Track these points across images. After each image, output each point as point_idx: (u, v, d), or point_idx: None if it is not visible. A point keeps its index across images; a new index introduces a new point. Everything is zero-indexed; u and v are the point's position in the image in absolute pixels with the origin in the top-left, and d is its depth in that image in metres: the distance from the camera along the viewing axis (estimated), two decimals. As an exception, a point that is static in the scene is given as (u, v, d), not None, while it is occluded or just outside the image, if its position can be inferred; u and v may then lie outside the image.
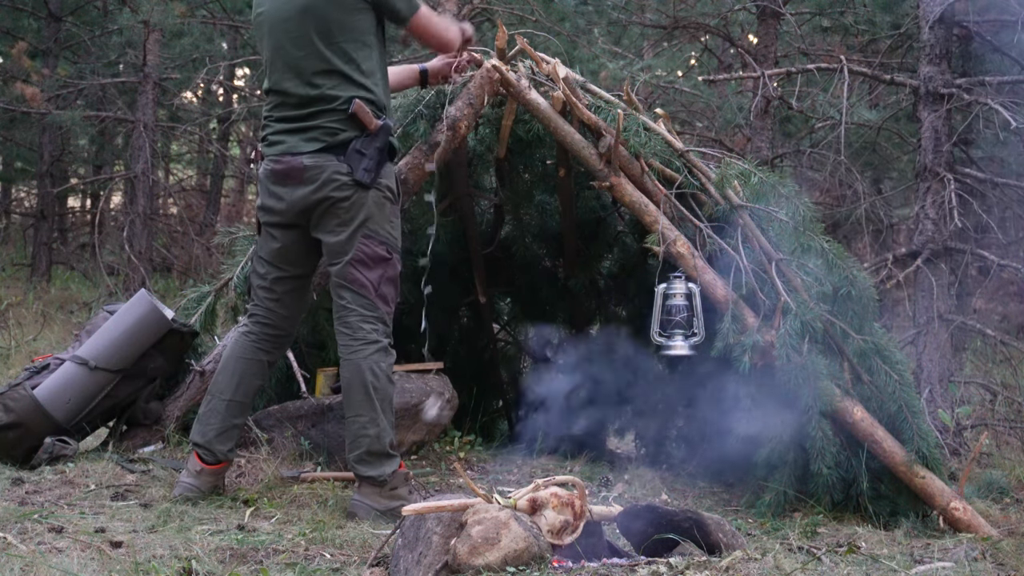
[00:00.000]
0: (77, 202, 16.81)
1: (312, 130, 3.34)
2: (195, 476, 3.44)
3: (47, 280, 10.99)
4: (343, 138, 3.33)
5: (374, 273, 3.38)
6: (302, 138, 3.35)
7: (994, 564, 2.95)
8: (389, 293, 3.42)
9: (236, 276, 4.27)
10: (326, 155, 3.32)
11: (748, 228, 3.85)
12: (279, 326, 3.54)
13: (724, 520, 2.88)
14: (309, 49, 3.33)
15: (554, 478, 2.78)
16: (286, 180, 3.36)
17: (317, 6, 3.31)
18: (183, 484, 3.44)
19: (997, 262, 5.88)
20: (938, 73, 5.74)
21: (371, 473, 3.34)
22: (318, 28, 3.31)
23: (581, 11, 8.94)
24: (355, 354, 3.34)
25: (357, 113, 3.30)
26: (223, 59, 12.33)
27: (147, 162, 9.65)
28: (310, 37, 3.32)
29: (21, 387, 3.77)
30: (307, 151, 3.33)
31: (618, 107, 4.08)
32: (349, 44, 3.34)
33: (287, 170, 3.35)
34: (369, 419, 3.33)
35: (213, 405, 3.49)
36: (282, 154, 3.37)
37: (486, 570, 2.44)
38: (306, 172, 3.32)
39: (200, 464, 3.44)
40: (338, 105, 3.32)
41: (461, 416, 4.69)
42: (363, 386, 3.32)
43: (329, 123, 3.33)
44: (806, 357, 3.60)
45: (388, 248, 3.41)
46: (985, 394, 6.19)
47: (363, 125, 3.32)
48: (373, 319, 3.37)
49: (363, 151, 3.32)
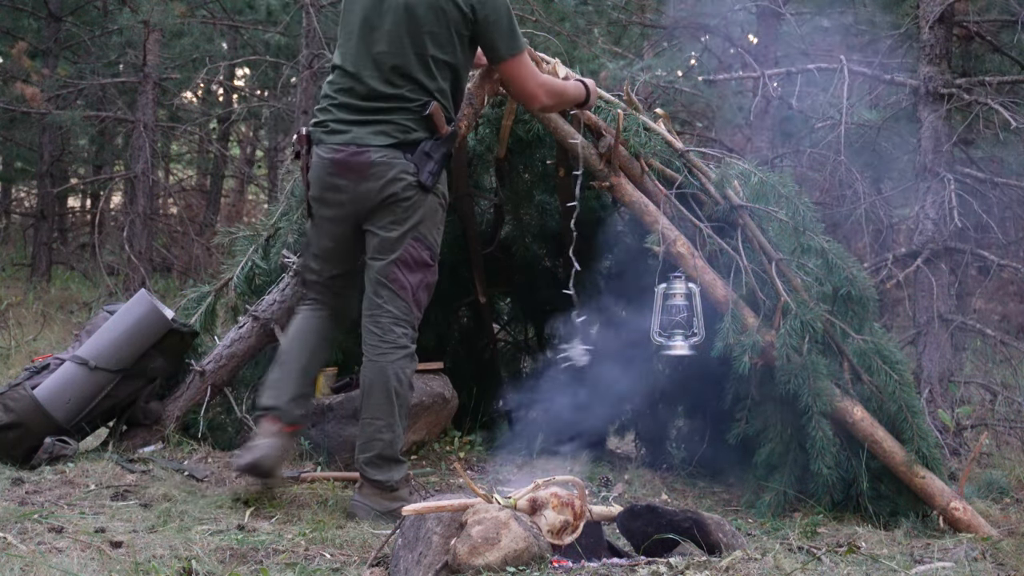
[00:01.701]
0: (77, 202, 16.81)
1: (384, 124, 3.27)
2: (275, 435, 3.35)
3: (47, 280, 10.99)
4: (414, 138, 3.27)
5: (415, 276, 3.34)
6: (371, 131, 3.27)
7: (994, 564, 2.95)
8: (424, 299, 3.40)
9: (236, 276, 4.27)
10: (395, 152, 3.26)
11: (748, 228, 3.85)
12: (337, 307, 3.54)
13: (724, 520, 2.88)
14: (397, 48, 3.26)
15: (554, 478, 2.78)
16: (348, 172, 3.28)
17: (418, 11, 3.25)
18: (262, 447, 3.32)
19: (997, 262, 5.88)
20: (938, 73, 5.74)
21: (380, 477, 3.32)
22: (411, 32, 3.26)
23: (581, 11, 8.93)
24: (383, 356, 3.31)
25: (433, 115, 3.25)
26: (223, 59, 12.35)
27: (147, 162, 9.65)
28: (401, 37, 3.26)
29: (21, 387, 3.77)
30: (375, 144, 3.26)
31: (618, 107, 4.08)
32: (437, 62, 3.28)
33: (350, 162, 3.27)
34: (386, 424, 3.30)
35: (287, 371, 3.45)
36: (346, 144, 3.29)
37: (486, 570, 2.44)
38: (372, 167, 3.25)
39: (278, 424, 3.37)
40: (414, 106, 3.27)
41: (461, 416, 4.69)
42: (386, 390, 3.29)
43: (403, 120, 3.27)
44: (806, 357, 3.60)
45: (432, 255, 3.38)
46: (985, 394, 6.19)
47: (435, 128, 3.28)
48: (405, 323, 3.34)
49: (431, 154, 3.28)
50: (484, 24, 3.30)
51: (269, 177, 14.38)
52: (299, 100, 9.67)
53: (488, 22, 3.31)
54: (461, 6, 3.27)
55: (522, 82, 3.46)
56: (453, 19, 3.27)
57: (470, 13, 3.28)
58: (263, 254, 4.29)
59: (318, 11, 9.46)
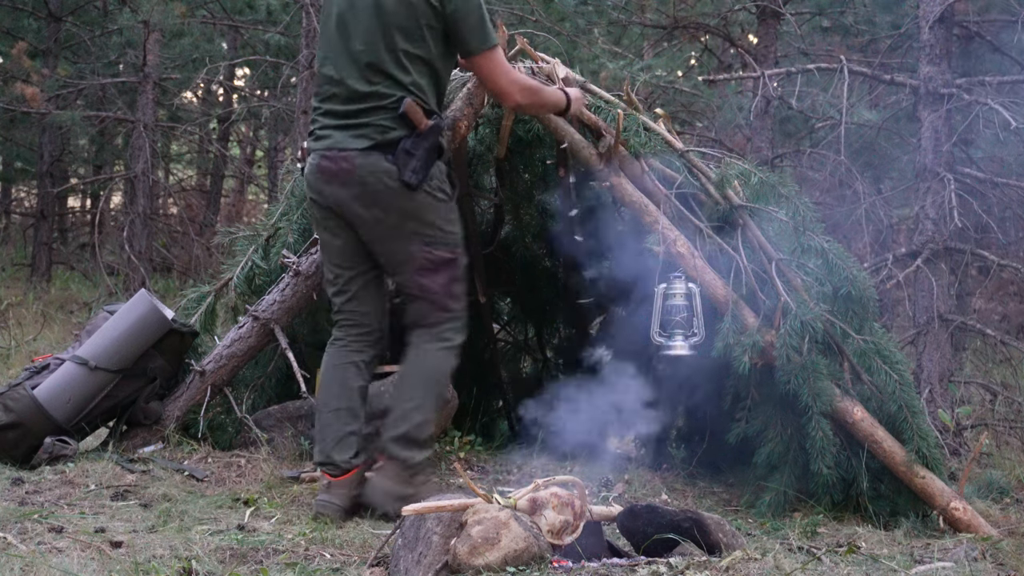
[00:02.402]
0: (77, 202, 16.81)
1: (362, 127, 3.25)
2: (327, 491, 3.34)
3: (47, 280, 10.98)
4: (392, 136, 3.25)
5: (441, 277, 3.34)
6: (351, 134, 3.26)
7: (994, 564, 2.95)
8: (458, 290, 3.39)
9: (236, 276, 4.27)
10: (375, 154, 3.24)
11: (748, 228, 3.85)
12: (364, 324, 3.45)
13: (724, 520, 2.88)
14: (370, 44, 3.26)
15: (554, 478, 2.79)
16: (334, 179, 3.28)
17: (387, 6, 3.24)
18: (319, 501, 3.33)
19: (997, 262, 5.88)
20: (938, 73, 5.73)
21: (404, 454, 3.30)
22: (382, 27, 3.25)
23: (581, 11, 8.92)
24: (428, 344, 3.32)
25: (408, 112, 3.22)
26: (223, 59, 12.34)
27: (147, 162, 9.64)
28: (373, 32, 3.25)
29: (21, 387, 3.77)
30: (355, 148, 3.25)
31: (618, 107, 4.08)
32: (409, 56, 3.26)
33: (334, 169, 3.27)
34: (419, 406, 3.30)
35: (323, 419, 3.40)
36: (328, 148, 3.29)
37: (486, 570, 2.45)
38: (355, 172, 3.25)
39: (328, 479, 3.35)
40: (389, 103, 3.24)
41: (461, 416, 4.69)
42: (426, 376, 3.31)
43: (380, 121, 3.25)
44: (806, 357, 3.60)
45: (449, 248, 3.36)
46: (985, 394, 6.19)
47: (413, 124, 3.25)
48: (448, 319, 3.35)
49: (412, 151, 3.24)
50: (453, 17, 3.27)
51: (269, 177, 14.38)
52: (299, 100, 9.66)
53: (457, 15, 3.27)
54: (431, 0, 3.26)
55: (495, 77, 3.41)
56: (422, 12, 3.25)
57: (439, 6, 3.25)
58: (263, 254, 4.28)
59: (318, 11, 9.45)
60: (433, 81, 3.36)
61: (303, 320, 4.44)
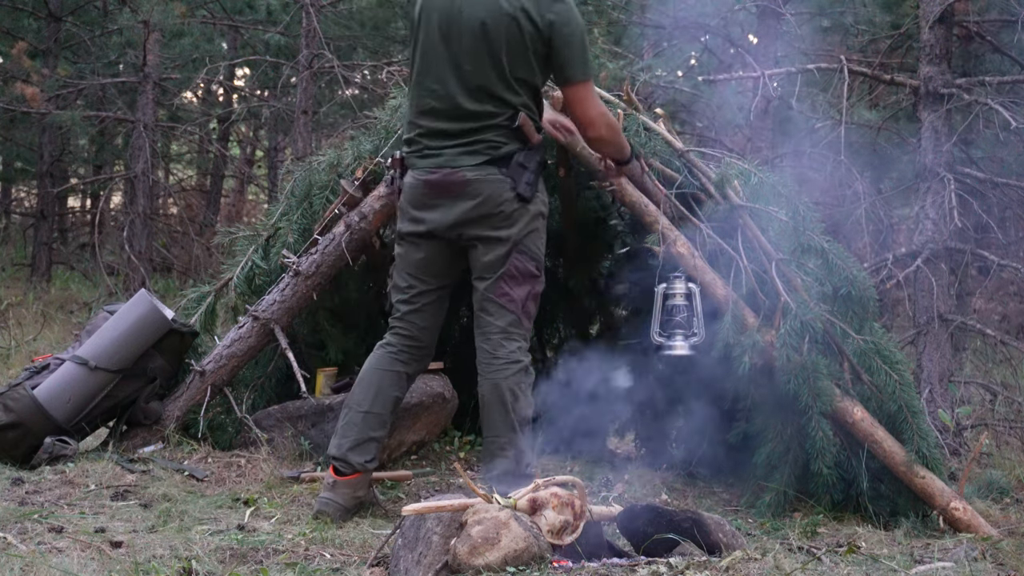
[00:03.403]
0: (77, 202, 16.81)
1: (475, 144, 3.26)
2: (331, 489, 3.34)
3: (47, 280, 10.98)
4: (506, 151, 3.27)
5: (523, 289, 3.33)
6: (463, 151, 3.27)
7: (994, 564, 2.95)
8: (532, 310, 3.39)
9: (236, 276, 4.27)
10: (489, 168, 3.26)
11: (748, 228, 3.85)
12: (419, 338, 3.47)
13: (724, 520, 2.88)
14: (478, 67, 3.25)
15: (554, 478, 2.79)
16: (443, 193, 3.28)
17: (495, 30, 3.23)
18: (321, 499, 3.34)
19: (997, 262, 5.88)
20: (938, 73, 5.73)
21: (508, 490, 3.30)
22: (490, 52, 3.24)
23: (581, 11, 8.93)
24: (496, 373, 3.29)
25: (523, 126, 3.24)
26: (223, 59, 12.35)
27: (147, 162, 9.65)
28: (481, 56, 3.25)
29: (21, 387, 3.78)
30: (469, 164, 3.26)
31: (618, 107, 4.08)
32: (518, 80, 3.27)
33: (445, 183, 3.27)
34: (507, 440, 3.27)
35: (350, 417, 3.40)
36: (439, 166, 3.29)
37: (486, 570, 2.45)
38: (468, 186, 3.25)
39: (334, 476, 3.35)
40: (502, 120, 3.26)
41: (461, 416, 4.69)
42: (502, 405, 3.27)
43: (493, 136, 3.26)
44: (806, 357, 3.60)
45: (537, 265, 3.37)
46: (985, 394, 6.19)
47: (526, 138, 3.27)
48: (517, 336, 3.33)
49: (525, 164, 3.27)
50: (559, 43, 3.29)
51: (269, 177, 14.38)
52: (299, 100, 9.67)
53: (564, 42, 3.29)
54: (537, 22, 3.25)
55: (586, 107, 3.41)
56: (529, 36, 3.25)
57: (547, 30, 3.26)
58: (263, 254, 4.29)
59: (318, 11, 9.46)
60: (537, 100, 3.39)
61: (303, 320, 4.44)
